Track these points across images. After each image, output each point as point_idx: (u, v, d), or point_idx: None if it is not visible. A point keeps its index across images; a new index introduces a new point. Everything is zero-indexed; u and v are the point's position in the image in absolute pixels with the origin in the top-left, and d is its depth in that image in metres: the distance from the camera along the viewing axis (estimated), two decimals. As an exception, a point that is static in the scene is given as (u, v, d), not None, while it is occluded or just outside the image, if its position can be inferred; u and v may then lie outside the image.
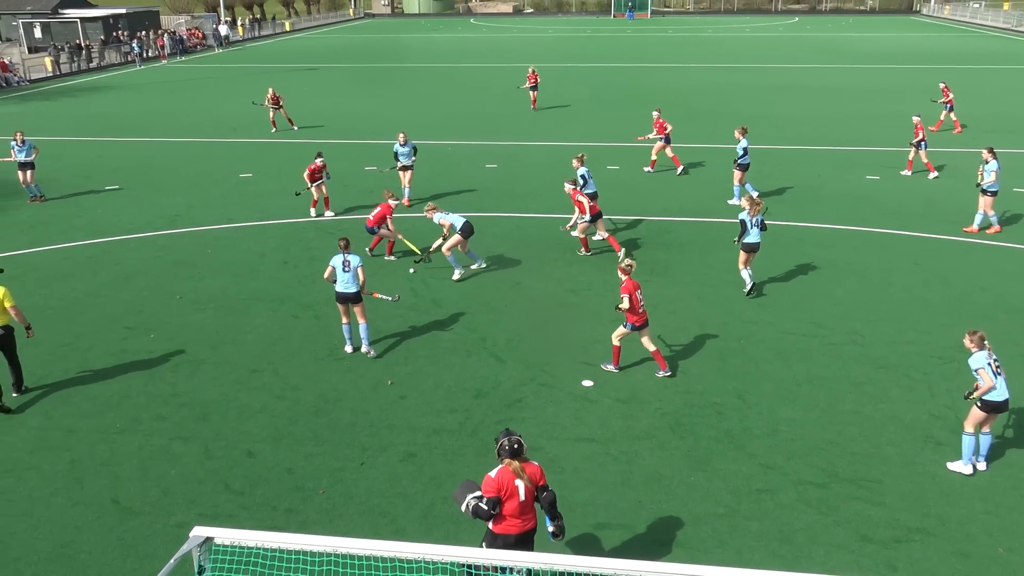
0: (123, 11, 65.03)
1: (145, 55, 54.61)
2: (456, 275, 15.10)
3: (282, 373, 11.83)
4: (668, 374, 11.49)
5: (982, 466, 9.36)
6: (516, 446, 6.70)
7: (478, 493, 6.65)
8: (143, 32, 59.51)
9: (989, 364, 9.01)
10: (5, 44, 56.63)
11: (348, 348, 12.39)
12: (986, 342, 9.13)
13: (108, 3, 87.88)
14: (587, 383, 11.37)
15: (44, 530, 8.56)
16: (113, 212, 19.78)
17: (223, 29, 65.80)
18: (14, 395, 11.29)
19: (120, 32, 59.64)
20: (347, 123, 30.70)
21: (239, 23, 73.71)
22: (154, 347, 12.67)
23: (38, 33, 59.67)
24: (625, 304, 10.98)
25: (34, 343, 12.77)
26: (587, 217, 15.61)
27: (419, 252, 15.91)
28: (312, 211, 19.08)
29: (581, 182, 16.31)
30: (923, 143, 21.58)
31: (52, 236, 18.06)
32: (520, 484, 6.65)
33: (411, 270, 15.60)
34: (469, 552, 5.55)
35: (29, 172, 20.67)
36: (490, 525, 6.73)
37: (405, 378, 11.62)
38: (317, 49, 62.15)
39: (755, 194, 16.96)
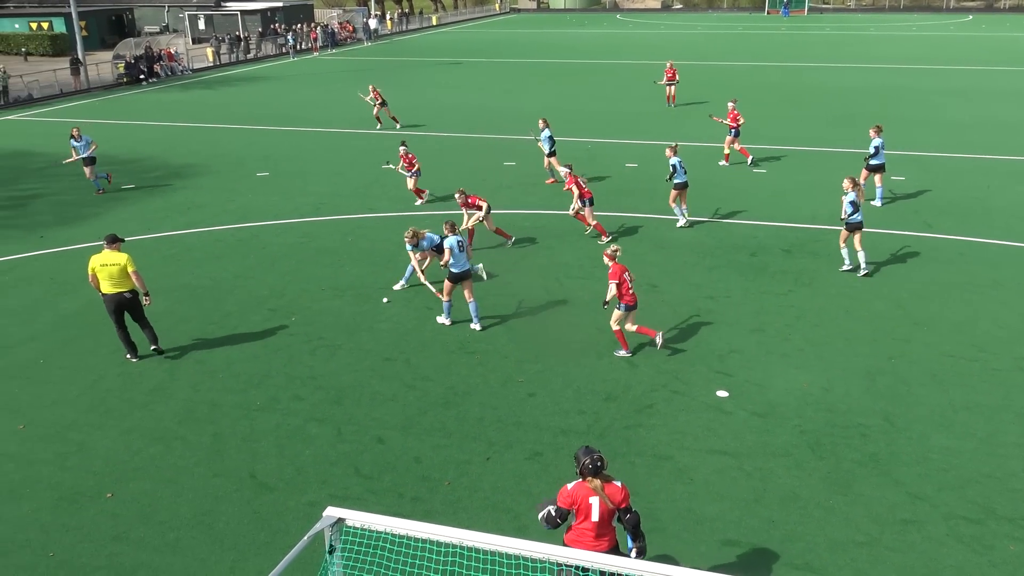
0: (280, 4, 68.49)
1: (298, 47, 57.25)
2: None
3: (414, 363, 12.15)
4: (660, 342, 12.14)
5: None
6: (598, 464, 6.55)
7: (556, 502, 6.64)
8: (297, 25, 62.43)
9: None
10: (172, 35, 60.66)
11: (446, 321, 13.23)
12: None
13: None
14: (722, 393, 11.11)
15: (187, 497, 9.14)
16: (262, 198, 20.86)
17: (373, 23, 68.11)
18: (151, 348, 12.29)
19: (276, 24, 62.79)
20: (488, 118, 31.17)
21: (388, 17, 76.15)
22: (295, 330, 13.28)
23: (202, 25, 63.69)
24: (612, 292, 11.55)
25: (185, 320, 13.65)
26: (583, 201, 16.78)
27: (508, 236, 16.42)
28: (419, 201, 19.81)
29: (671, 171, 17.22)
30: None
31: (206, 219, 19.22)
32: (595, 502, 6.52)
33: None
34: (596, 557, 5.53)
35: (89, 168, 21.32)
36: (564, 538, 6.70)
37: (535, 376, 11.70)
38: (462, 43, 63.41)
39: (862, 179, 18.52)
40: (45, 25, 59.67)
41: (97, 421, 10.73)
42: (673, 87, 32.90)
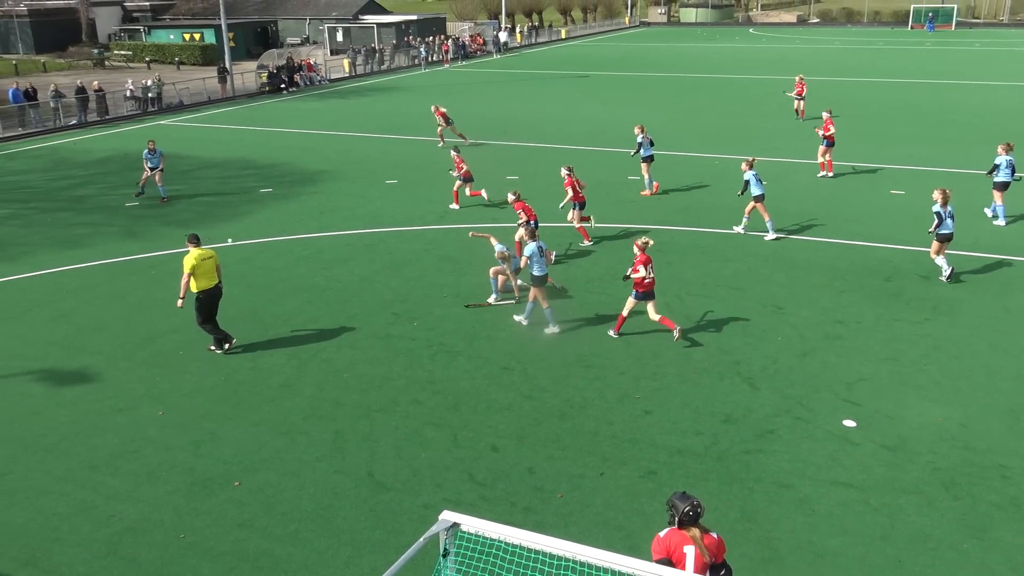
0: (414, 17, 70.48)
1: (430, 59, 58.70)
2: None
3: (531, 373, 12.21)
4: (677, 333, 12.81)
5: None
6: (697, 511, 6.19)
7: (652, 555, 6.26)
8: (430, 37, 64.04)
9: None
10: (312, 46, 63.33)
11: (555, 328, 13.51)
12: None
13: (401, 9, 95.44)
14: (849, 423, 10.66)
15: (308, 491, 9.47)
16: (391, 205, 21.46)
17: (503, 36, 69.18)
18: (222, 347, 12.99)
19: (410, 37, 64.61)
20: (614, 132, 31.07)
21: (518, 30, 77.12)
22: (416, 335, 13.58)
23: (340, 37, 66.21)
24: (641, 273, 12.54)
25: (313, 320, 14.17)
26: (573, 204, 17.86)
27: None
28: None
29: (744, 186, 17.89)
30: None
31: (337, 223, 19.93)
32: (690, 552, 6.15)
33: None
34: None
35: (158, 174, 22.11)
36: None
37: (652, 393, 11.55)
38: (590, 57, 63.51)
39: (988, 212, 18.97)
40: (197, 36, 63.45)
41: (229, 412, 11.26)
42: (802, 102, 32.26)
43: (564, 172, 17.93)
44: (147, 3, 76.59)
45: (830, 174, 23.30)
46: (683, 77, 48.61)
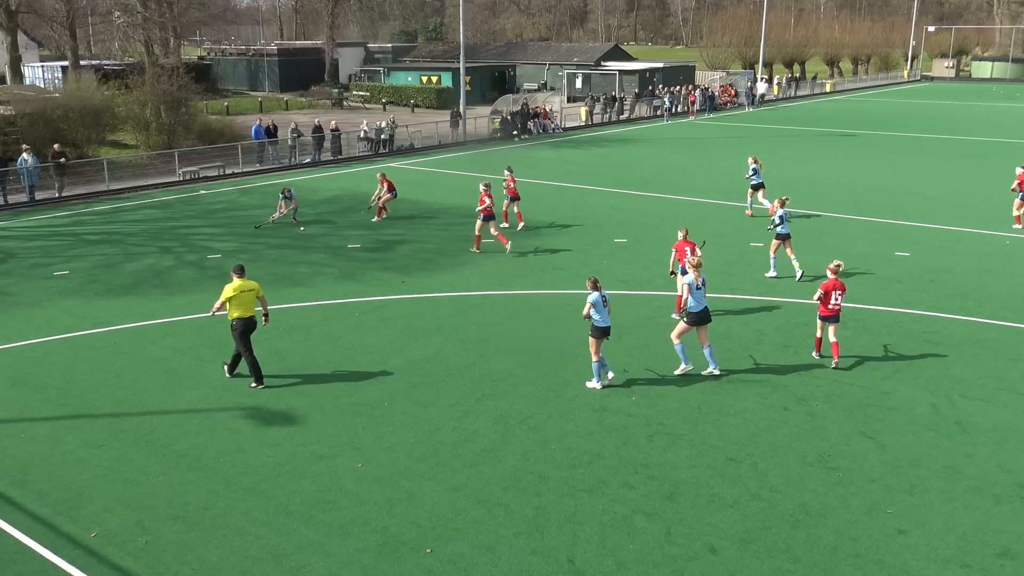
0: (660, 65, 71.41)
1: (674, 110, 59.06)
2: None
3: (762, 469, 11.70)
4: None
5: None
6: None
7: None
8: (676, 87, 64.52)
9: None
10: (549, 93, 65.74)
11: (610, 375, 14.38)
12: None
13: (649, 57, 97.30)
14: None
15: (502, 568, 9.54)
16: (618, 265, 21.59)
17: (761, 87, 68.34)
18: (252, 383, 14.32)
19: (654, 86, 65.45)
20: (882, 199, 29.62)
21: (775, 81, 75.99)
22: (634, 411, 13.45)
23: (579, 84, 68.31)
24: (824, 297, 14.73)
25: (524, 383, 14.44)
26: (481, 216, 22.09)
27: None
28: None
29: (777, 221, 19.79)
30: None
31: (558, 281, 20.29)
32: None
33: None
34: None
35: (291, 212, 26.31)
36: None
37: (908, 510, 10.68)
38: (858, 113, 61.29)
39: None
40: (435, 79, 67.85)
41: (428, 472, 11.65)
42: None
43: (481, 187, 21.98)
44: (389, 44, 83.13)
45: (1020, 226, 21.11)
46: (970, 141, 45.65)
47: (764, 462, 11.90)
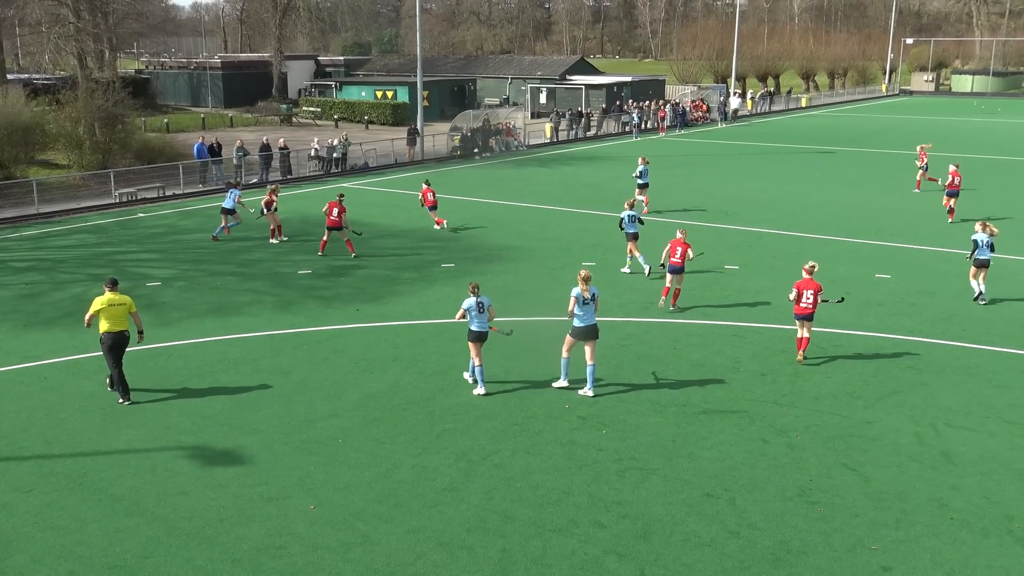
0: (628, 79, 72.20)
1: (643, 126, 59.69)
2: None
3: (740, 505, 11.78)
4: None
5: None
6: None
7: None
8: (645, 102, 65.23)
9: None
10: (511, 108, 66.17)
11: (480, 390, 15.24)
12: None
13: (616, 70, 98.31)
14: None
15: (466, 617, 9.49)
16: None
17: (735, 102, 69.33)
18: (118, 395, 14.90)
19: (622, 101, 66.13)
20: (861, 219, 30.12)
21: (749, 96, 77.13)
22: (604, 445, 13.49)
23: (543, 99, 68.87)
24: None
25: (488, 417, 14.43)
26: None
27: None
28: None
29: (627, 220, 23.08)
30: None
31: (522, 308, 20.30)
32: None
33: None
34: None
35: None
36: None
37: (893, 545, 10.81)
38: (835, 129, 62.36)
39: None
40: (390, 94, 68.07)
41: (386, 513, 11.58)
42: None
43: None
44: (341, 57, 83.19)
45: None
46: (952, 158, 46.53)
47: (742, 497, 11.98)
